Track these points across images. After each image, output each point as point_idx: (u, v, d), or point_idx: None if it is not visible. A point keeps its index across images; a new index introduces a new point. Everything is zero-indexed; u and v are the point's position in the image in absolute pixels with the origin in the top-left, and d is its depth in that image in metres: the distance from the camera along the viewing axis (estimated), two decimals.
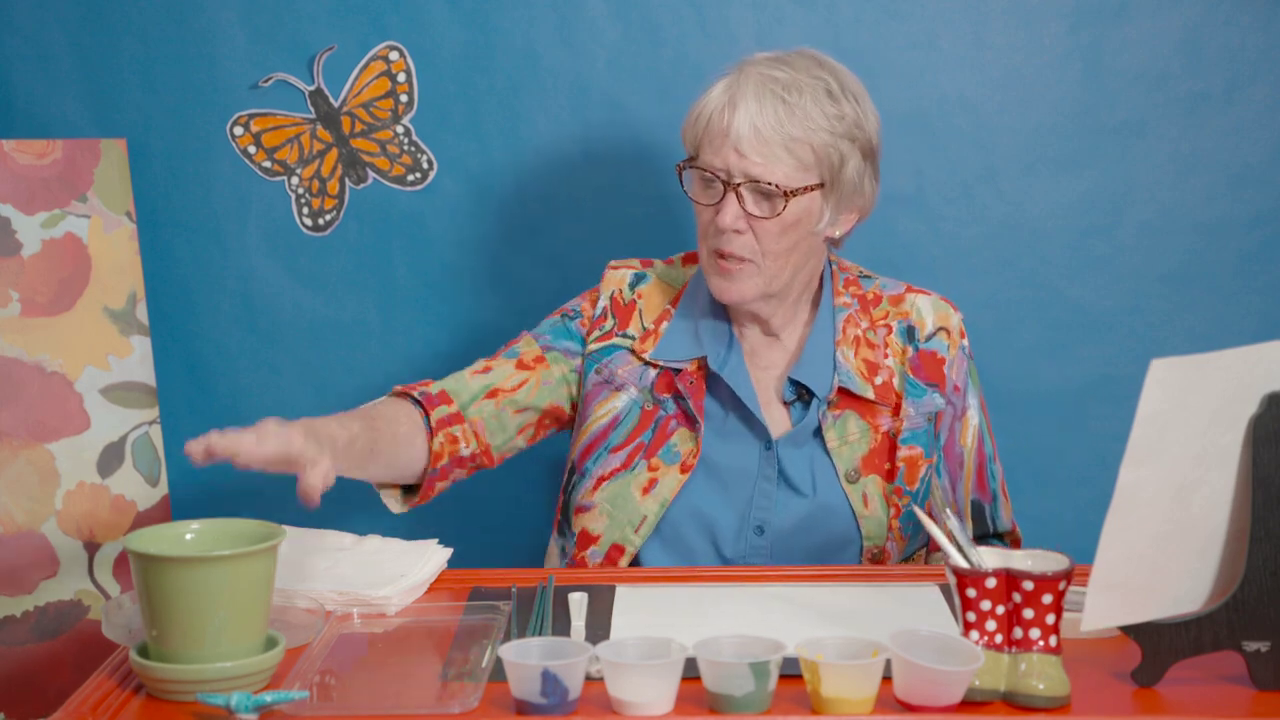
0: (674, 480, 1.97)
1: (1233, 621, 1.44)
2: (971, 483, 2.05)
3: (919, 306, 2.05)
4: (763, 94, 1.89)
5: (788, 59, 1.94)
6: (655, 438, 2.00)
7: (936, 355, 2.02)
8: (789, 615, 1.65)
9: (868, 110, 1.96)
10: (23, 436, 2.37)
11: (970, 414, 2.04)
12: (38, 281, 2.39)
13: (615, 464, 2.00)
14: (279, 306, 2.55)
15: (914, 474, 1.98)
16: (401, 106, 2.49)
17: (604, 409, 2.03)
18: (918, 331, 2.03)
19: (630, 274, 2.10)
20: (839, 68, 1.97)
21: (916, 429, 1.99)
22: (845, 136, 1.92)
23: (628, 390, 2.02)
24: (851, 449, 1.97)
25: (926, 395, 2.00)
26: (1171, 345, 2.47)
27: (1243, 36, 2.44)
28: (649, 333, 2.04)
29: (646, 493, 1.97)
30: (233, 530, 1.54)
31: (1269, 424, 1.43)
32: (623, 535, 1.98)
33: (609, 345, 2.05)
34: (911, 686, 1.37)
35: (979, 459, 2.05)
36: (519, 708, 1.39)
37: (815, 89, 1.91)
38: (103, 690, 1.47)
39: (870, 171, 1.98)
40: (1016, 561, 1.45)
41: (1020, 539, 2.11)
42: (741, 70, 1.93)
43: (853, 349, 2.00)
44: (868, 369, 1.99)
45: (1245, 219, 2.48)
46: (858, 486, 1.96)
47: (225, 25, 2.47)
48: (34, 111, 2.49)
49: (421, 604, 1.73)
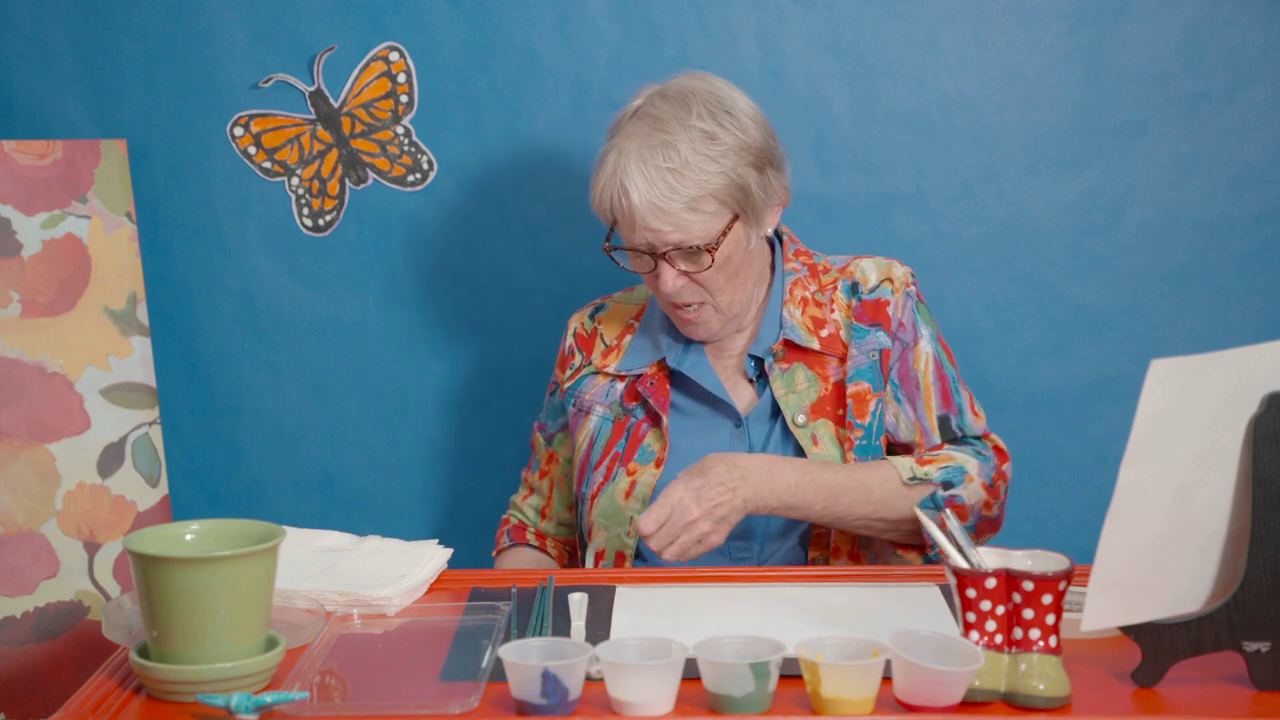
0: (650, 477, 2.04)
1: (1233, 621, 1.44)
2: (935, 400, 2.07)
3: (863, 267, 2.10)
4: (646, 169, 1.92)
5: (656, 113, 1.95)
6: (629, 445, 2.07)
7: (880, 300, 2.06)
8: (789, 615, 1.65)
9: (746, 122, 1.97)
10: (23, 437, 2.37)
11: (923, 344, 2.07)
12: (38, 282, 2.39)
13: (599, 479, 2.08)
14: (279, 306, 2.55)
15: (863, 408, 2.02)
16: (401, 107, 2.49)
17: (582, 434, 2.12)
18: (861, 287, 2.08)
19: (590, 309, 2.22)
20: (707, 92, 1.97)
21: (861, 366, 2.03)
22: (738, 164, 1.95)
23: (595, 410, 2.12)
24: (799, 397, 2.03)
25: (869, 334, 2.05)
26: (1171, 345, 2.47)
27: (1243, 36, 2.44)
28: (611, 348, 2.14)
29: (629, 496, 2.04)
30: (233, 530, 1.54)
31: (1269, 424, 1.42)
32: (619, 542, 2.05)
33: (580, 378, 2.15)
34: (911, 687, 1.37)
35: (940, 379, 2.07)
36: (519, 708, 1.39)
37: (692, 139, 1.93)
38: (103, 690, 1.47)
39: (772, 172, 2.01)
40: (1016, 562, 1.45)
41: (1004, 448, 2.10)
42: (619, 147, 1.95)
43: (800, 308, 2.06)
44: (814, 324, 2.05)
45: (1245, 219, 2.48)
46: (806, 430, 2.01)
47: (225, 25, 2.47)
48: (34, 112, 2.49)
49: (421, 604, 1.73)
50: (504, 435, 2.57)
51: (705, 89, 1.98)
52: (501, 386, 2.56)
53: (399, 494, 2.60)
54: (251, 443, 2.58)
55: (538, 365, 2.47)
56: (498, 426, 2.57)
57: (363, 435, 2.58)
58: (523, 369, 2.53)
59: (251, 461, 2.58)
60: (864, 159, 2.47)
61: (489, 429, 2.56)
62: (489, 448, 2.57)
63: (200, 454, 2.58)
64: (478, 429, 2.58)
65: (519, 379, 2.54)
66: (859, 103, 2.46)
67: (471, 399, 2.57)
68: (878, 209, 2.49)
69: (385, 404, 2.58)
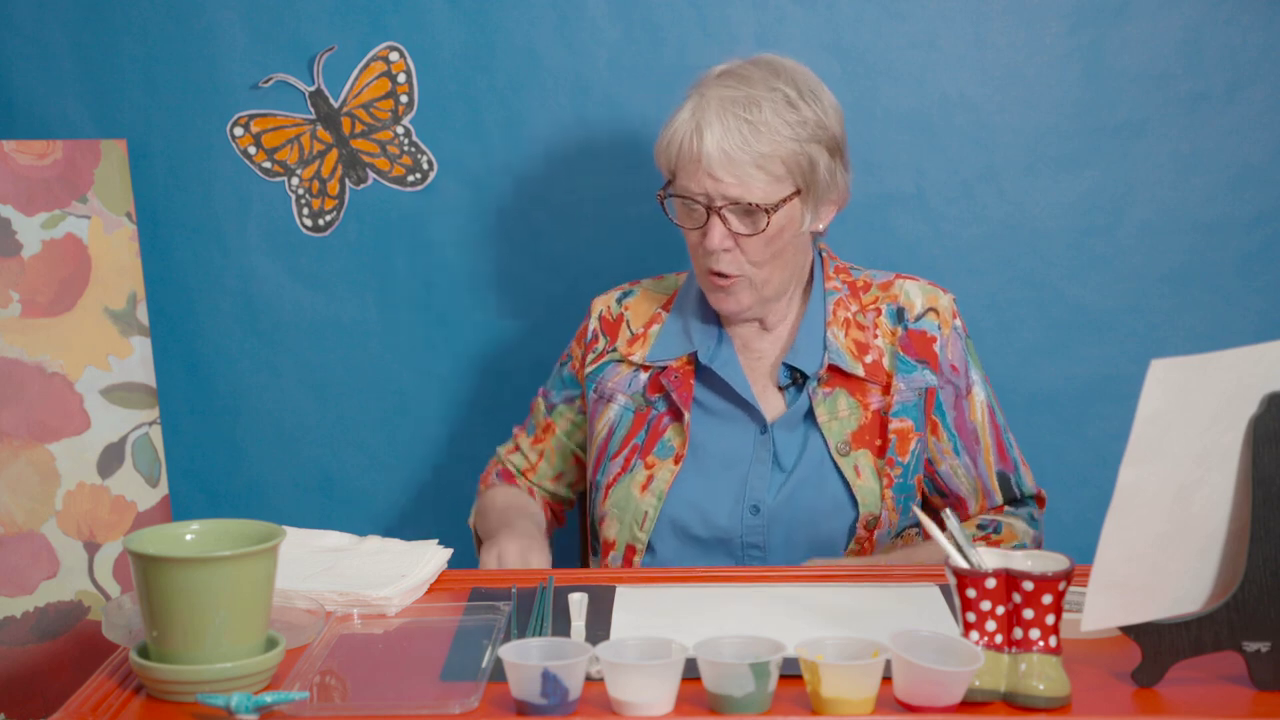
0: (668, 473, 2.03)
1: (1233, 621, 1.44)
2: (993, 455, 2.08)
3: (907, 290, 2.09)
4: (725, 116, 1.93)
5: (744, 73, 1.98)
6: (649, 437, 2.06)
7: (926, 334, 2.05)
8: (789, 615, 1.65)
9: (827, 106, 2.00)
10: (23, 437, 2.37)
11: (976, 390, 2.08)
12: (38, 282, 2.39)
13: (616, 469, 2.07)
14: (279, 306, 2.55)
15: (905, 446, 2.01)
16: (401, 107, 2.49)
17: (601, 422, 2.11)
18: (907, 313, 2.07)
19: (617, 293, 2.19)
20: (795, 69, 2.00)
21: (907, 403, 2.03)
22: (811, 140, 1.96)
23: (617, 399, 2.10)
24: (841, 424, 2.02)
25: (916, 371, 2.04)
26: (1171, 345, 2.47)
27: (1243, 36, 2.44)
28: (637, 337, 2.11)
29: (645, 490, 2.03)
30: (233, 530, 1.54)
31: (1269, 424, 1.42)
32: (631, 535, 2.04)
33: (602, 364, 2.13)
34: (911, 687, 1.37)
35: (994, 432, 2.09)
36: (519, 708, 1.39)
37: (775, 101, 1.95)
38: (103, 690, 1.47)
39: (840, 165, 2.02)
40: (1016, 562, 1.45)
41: (1045, 498, 2.14)
42: (701, 94, 1.97)
43: (843, 330, 2.04)
44: (857, 348, 2.03)
45: (1245, 219, 2.48)
46: (849, 459, 2.00)
47: (225, 25, 2.47)
48: (34, 112, 2.49)
49: (421, 604, 1.73)
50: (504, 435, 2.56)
51: (795, 66, 2.01)
52: (501, 387, 2.56)
53: (399, 494, 2.60)
54: (251, 443, 2.58)
55: (537, 365, 2.47)
56: (498, 426, 2.56)
57: (363, 435, 2.58)
58: (523, 369, 2.53)
59: (251, 461, 2.58)
60: (864, 159, 2.46)
61: (489, 429, 2.56)
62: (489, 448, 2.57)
63: (200, 454, 2.58)
64: (478, 429, 2.58)
65: (519, 379, 2.54)
66: (859, 103, 2.46)
67: (471, 399, 2.57)
68: (878, 209, 2.49)
69: (385, 404, 2.58)
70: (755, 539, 2.00)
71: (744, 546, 2.01)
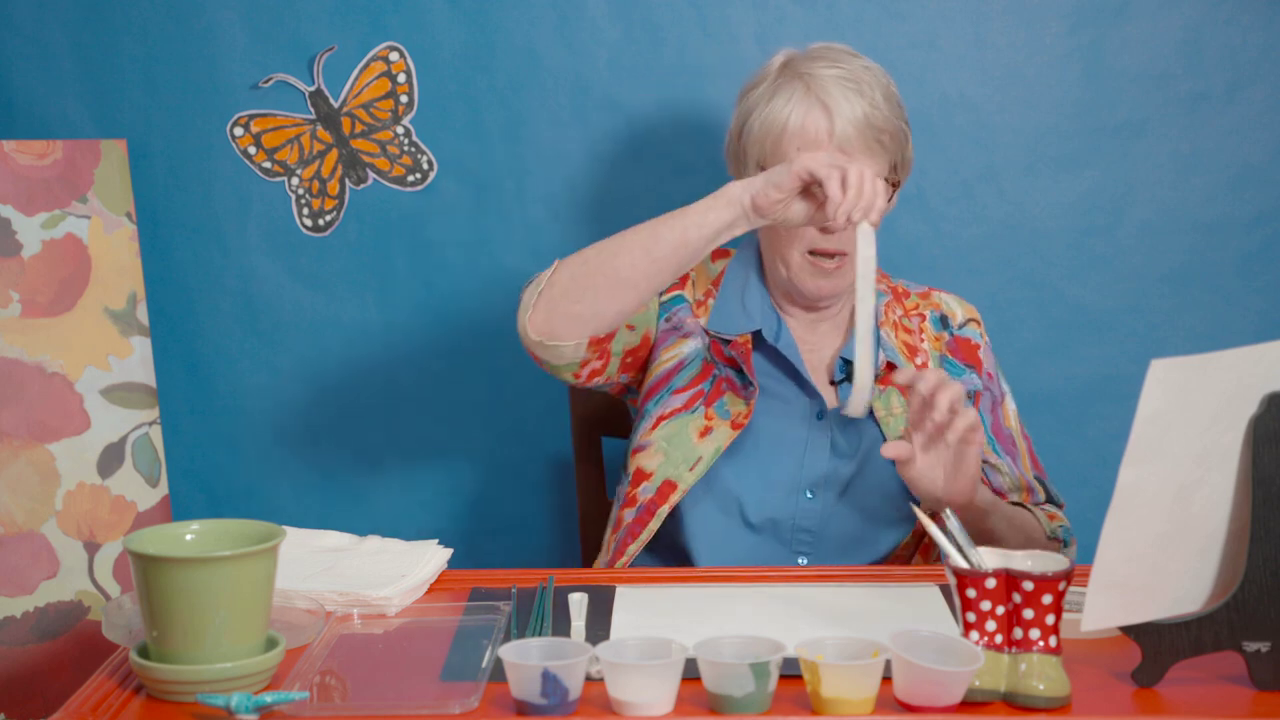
0: (725, 433, 1.99)
1: (1233, 621, 1.44)
2: (1028, 461, 2.09)
3: (946, 301, 2.13)
4: (847, 93, 1.93)
5: (831, 55, 1.98)
6: (713, 390, 2.03)
7: (971, 341, 2.10)
8: (789, 615, 1.65)
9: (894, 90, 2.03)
10: (23, 437, 2.37)
11: (1009, 400, 2.11)
12: (38, 282, 2.39)
13: (676, 404, 2.03)
14: (279, 306, 2.55)
15: None
16: (401, 107, 2.49)
17: (670, 353, 2.06)
18: (950, 320, 2.11)
19: None
20: None
21: None
22: (904, 120, 2.00)
23: (694, 338, 2.06)
24: (898, 420, 2.02)
25: (965, 374, 2.07)
26: (1171, 345, 2.47)
27: (1243, 36, 2.44)
28: (701, 301, 2.08)
29: (703, 436, 2.00)
30: (233, 530, 1.54)
31: (1269, 424, 1.42)
32: (676, 472, 1.99)
33: (676, 295, 2.08)
34: (911, 687, 1.37)
35: (1026, 440, 2.11)
36: (519, 708, 1.39)
37: (874, 80, 1.96)
38: (103, 690, 1.47)
39: None
40: (1016, 562, 1.45)
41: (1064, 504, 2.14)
42: (801, 76, 1.95)
43: (893, 331, 2.06)
44: (908, 350, 2.05)
45: (1245, 219, 2.48)
46: None
47: (225, 25, 2.48)
48: (34, 112, 2.49)
49: (421, 604, 1.73)
50: (505, 435, 2.57)
51: None
52: (501, 387, 2.56)
53: (399, 494, 2.60)
54: (251, 443, 2.58)
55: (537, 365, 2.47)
56: (498, 426, 2.57)
57: (363, 435, 2.58)
58: (523, 369, 2.53)
59: (251, 461, 2.58)
60: None
61: (489, 429, 2.56)
62: (489, 447, 2.57)
63: (200, 454, 2.58)
64: (478, 429, 2.58)
65: (519, 379, 2.54)
66: None
67: (471, 399, 2.57)
68: None
69: (385, 404, 2.58)
70: (809, 523, 1.99)
71: (794, 530, 1.99)
